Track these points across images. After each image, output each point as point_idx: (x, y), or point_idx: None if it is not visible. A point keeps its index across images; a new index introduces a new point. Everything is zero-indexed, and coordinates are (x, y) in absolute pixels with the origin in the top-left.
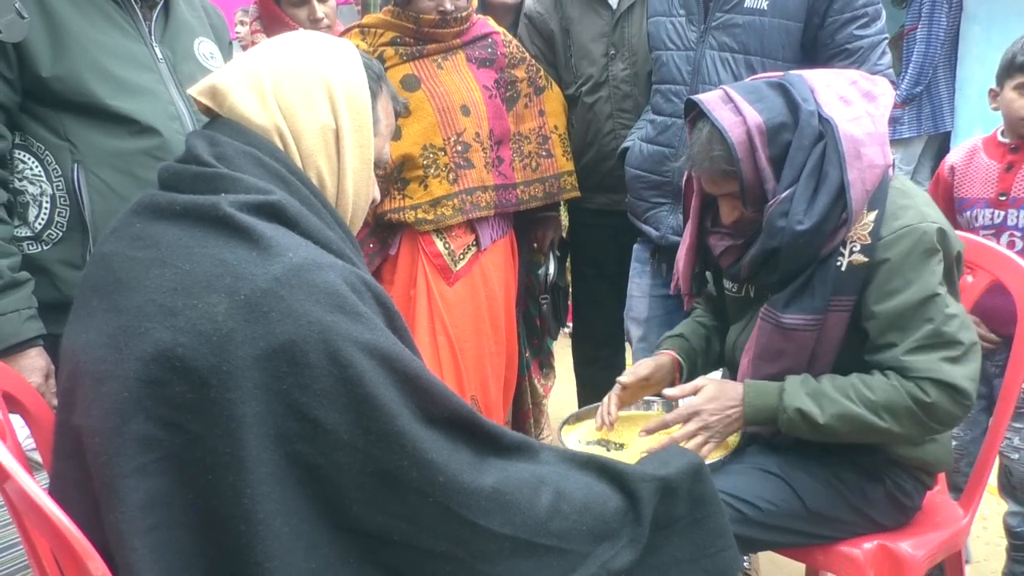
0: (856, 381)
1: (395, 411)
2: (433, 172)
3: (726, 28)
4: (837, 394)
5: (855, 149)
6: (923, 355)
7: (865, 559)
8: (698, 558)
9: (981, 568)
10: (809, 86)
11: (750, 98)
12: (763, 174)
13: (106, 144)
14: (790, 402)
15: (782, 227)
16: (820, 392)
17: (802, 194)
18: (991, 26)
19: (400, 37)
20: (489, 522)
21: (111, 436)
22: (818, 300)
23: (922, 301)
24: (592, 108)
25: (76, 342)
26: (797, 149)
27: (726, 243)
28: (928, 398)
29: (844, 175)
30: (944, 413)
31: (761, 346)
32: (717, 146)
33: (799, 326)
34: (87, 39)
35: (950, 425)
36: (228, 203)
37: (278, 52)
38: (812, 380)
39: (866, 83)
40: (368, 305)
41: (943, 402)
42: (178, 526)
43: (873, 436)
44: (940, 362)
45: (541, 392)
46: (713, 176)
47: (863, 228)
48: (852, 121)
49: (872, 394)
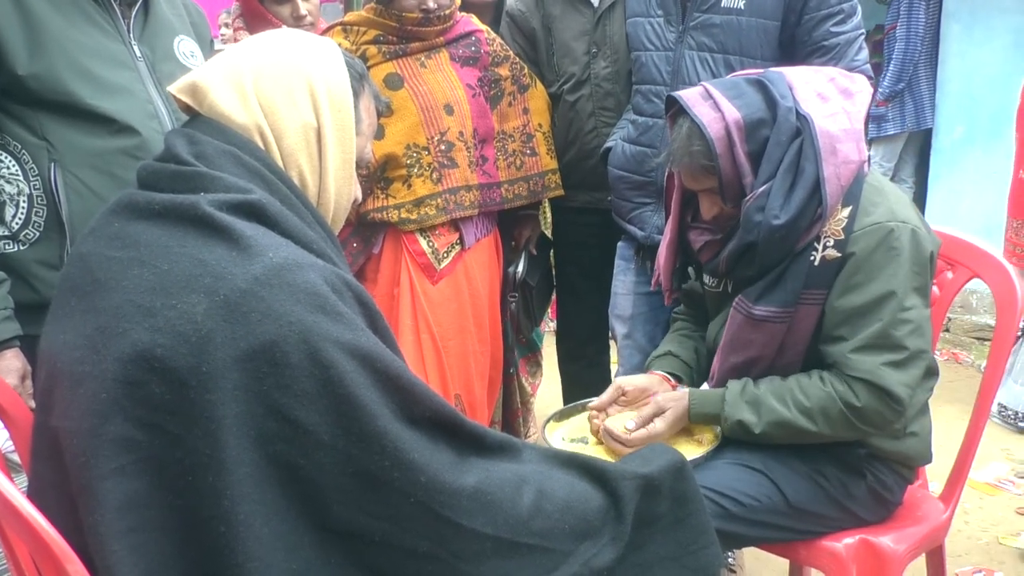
0: (793, 386)
1: (376, 411)
2: (416, 171)
3: (704, 28)
4: (774, 401)
5: (831, 145)
6: (865, 355)
7: (847, 554)
8: (680, 555)
9: (962, 562)
10: (788, 83)
11: (729, 94)
12: (741, 169)
13: (84, 143)
14: (732, 413)
15: (759, 221)
16: (758, 400)
17: (779, 189)
18: (972, 23)
19: (383, 35)
20: (471, 522)
21: (89, 438)
22: (789, 293)
23: (878, 300)
24: (574, 106)
25: (54, 343)
26: (775, 145)
27: (706, 238)
28: (859, 402)
29: (820, 170)
30: (875, 416)
31: (732, 335)
32: (696, 142)
33: (768, 317)
34: (65, 37)
35: (883, 429)
36: (207, 202)
37: (260, 50)
38: (751, 386)
39: (844, 80)
40: (349, 305)
41: (874, 405)
42: (157, 528)
43: (808, 439)
44: (880, 366)
45: (529, 391)
46: (693, 172)
47: (837, 223)
48: (828, 117)
49: (807, 400)
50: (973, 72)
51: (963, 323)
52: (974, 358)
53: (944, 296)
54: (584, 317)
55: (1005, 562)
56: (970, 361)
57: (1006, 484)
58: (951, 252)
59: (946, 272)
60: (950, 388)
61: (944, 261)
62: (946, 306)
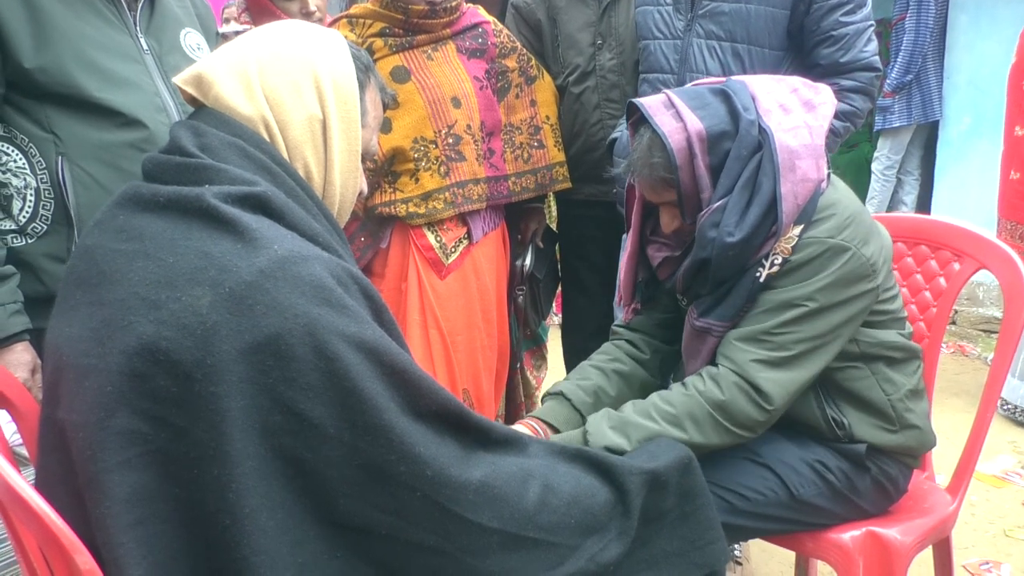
0: (656, 399)
1: (382, 405)
2: (424, 165)
3: (713, 16)
4: (639, 418)
5: (790, 161)
6: (744, 345)
7: (853, 546)
8: (687, 551)
9: (968, 554)
10: (751, 93)
11: (692, 104)
12: (701, 183)
13: (91, 136)
14: (596, 442)
15: (712, 238)
16: (624, 422)
17: (735, 205)
18: (979, 15)
19: (389, 28)
20: (477, 516)
21: (95, 430)
22: (730, 308)
23: (785, 303)
24: (579, 98)
25: (59, 336)
26: (735, 159)
27: (664, 254)
28: (723, 395)
29: (777, 187)
30: (740, 413)
31: (685, 344)
32: (657, 153)
33: (709, 329)
34: (71, 30)
35: (752, 429)
36: (212, 195)
37: (265, 41)
38: (614, 412)
39: (807, 91)
40: (354, 298)
41: (739, 400)
42: (163, 520)
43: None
44: (753, 361)
45: (533, 384)
46: (652, 184)
47: (787, 242)
48: (789, 131)
49: (672, 408)
50: (980, 63)
51: (970, 316)
52: (981, 350)
53: (951, 287)
54: (589, 310)
55: (1012, 554)
56: (976, 353)
57: (1013, 476)
58: (957, 243)
59: (952, 263)
60: (956, 381)
61: (951, 252)
62: (953, 298)
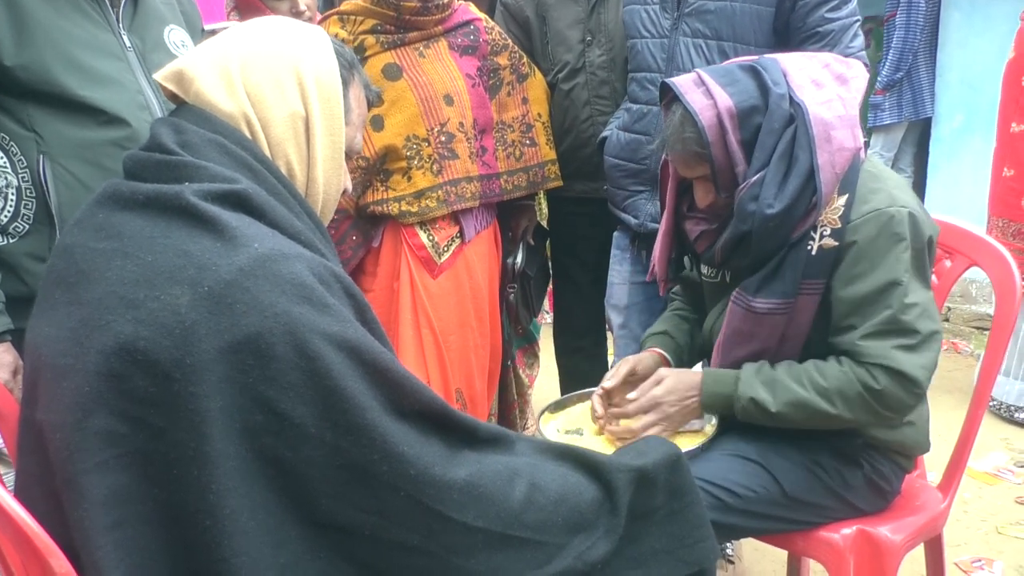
0: (810, 368)
1: (364, 404)
2: (417, 163)
3: (699, 15)
4: (790, 381)
5: (825, 132)
6: (877, 341)
7: (844, 544)
8: (675, 549)
9: (961, 551)
10: (782, 69)
11: (722, 81)
12: (734, 157)
13: (73, 135)
14: (745, 391)
15: (752, 211)
16: (774, 380)
17: (772, 178)
18: (972, 12)
19: (381, 25)
20: (462, 515)
21: (72, 431)
22: (788, 284)
23: (883, 287)
24: (569, 95)
25: (38, 336)
26: (767, 132)
27: (701, 227)
28: (877, 385)
29: (814, 158)
30: (894, 400)
31: (732, 329)
32: (689, 129)
33: (770, 310)
34: (53, 27)
35: (902, 412)
36: (192, 192)
37: (247, 37)
38: (767, 368)
39: (839, 66)
40: (337, 297)
41: (893, 389)
42: (143, 522)
43: (827, 422)
44: (892, 350)
45: (526, 382)
46: (686, 159)
47: (833, 212)
48: (823, 104)
49: (824, 381)
50: (973, 61)
51: (963, 313)
52: (974, 347)
53: (943, 284)
54: (581, 308)
55: (1004, 551)
56: (970, 351)
57: (1005, 474)
58: (949, 240)
59: (944, 260)
60: (949, 378)
61: (942, 249)
62: (945, 294)
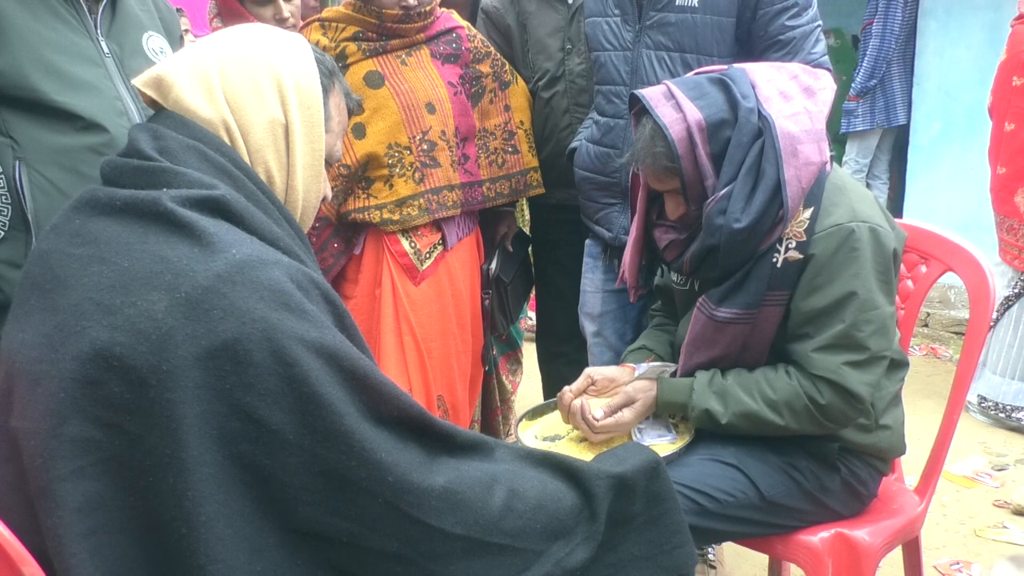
0: (760, 379)
1: (342, 410)
2: (399, 171)
3: (660, 27)
4: (741, 393)
5: (792, 147)
6: (827, 355)
7: (823, 548)
8: (654, 555)
9: (939, 554)
10: (750, 81)
11: (691, 95)
12: (703, 171)
13: (50, 141)
14: (698, 402)
15: (720, 225)
16: (725, 391)
17: (740, 192)
18: (948, 21)
19: (363, 32)
20: (440, 522)
21: (47, 438)
22: (752, 295)
23: (839, 300)
24: (549, 103)
25: (13, 342)
26: (736, 146)
27: (670, 237)
28: (823, 399)
29: (780, 173)
30: (838, 414)
31: (695, 335)
32: (659, 143)
33: (731, 319)
34: (29, 32)
35: (843, 425)
36: (170, 198)
37: (227, 44)
38: (719, 378)
39: (807, 78)
40: (315, 303)
41: (837, 404)
42: (118, 530)
43: (774, 431)
44: (842, 366)
45: (509, 389)
46: (656, 173)
47: (799, 225)
48: (790, 118)
49: (773, 393)
50: (949, 69)
51: (941, 318)
52: (952, 353)
53: (918, 290)
54: (563, 314)
55: (982, 554)
56: (948, 356)
57: (983, 477)
58: (925, 246)
59: (920, 266)
60: (928, 383)
61: (918, 255)
62: (920, 299)
